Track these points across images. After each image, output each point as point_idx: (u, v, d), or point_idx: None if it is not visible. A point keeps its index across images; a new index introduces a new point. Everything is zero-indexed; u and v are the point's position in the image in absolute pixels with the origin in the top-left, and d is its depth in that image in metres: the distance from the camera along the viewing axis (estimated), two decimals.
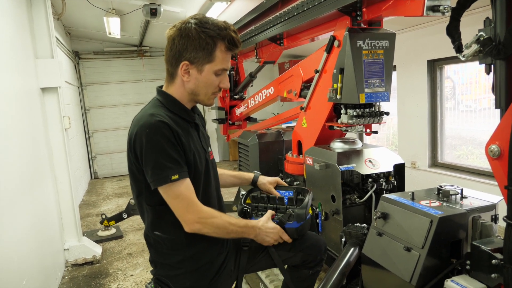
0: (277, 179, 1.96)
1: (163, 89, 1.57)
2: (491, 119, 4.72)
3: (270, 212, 1.69)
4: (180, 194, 1.42)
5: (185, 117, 1.54)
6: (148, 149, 1.39)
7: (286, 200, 1.86)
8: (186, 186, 1.43)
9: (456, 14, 1.48)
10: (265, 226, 1.60)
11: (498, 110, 1.37)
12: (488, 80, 4.64)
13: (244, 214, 1.78)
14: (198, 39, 1.42)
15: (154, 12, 4.59)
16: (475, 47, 1.36)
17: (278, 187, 1.95)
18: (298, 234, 1.69)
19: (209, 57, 1.45)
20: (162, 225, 1.52)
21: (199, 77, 1.49)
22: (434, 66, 5.05)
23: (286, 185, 1.98)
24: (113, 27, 5.86)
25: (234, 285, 1.75)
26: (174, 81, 1.53)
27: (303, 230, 1.72)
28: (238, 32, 1.51)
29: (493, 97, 1.39)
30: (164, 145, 1.38)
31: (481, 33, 1.34)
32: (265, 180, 1.94)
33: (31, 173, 3.06)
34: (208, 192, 1.60)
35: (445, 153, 5.22)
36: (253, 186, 1.97)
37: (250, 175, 1.97)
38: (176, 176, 1.39)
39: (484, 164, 4.64)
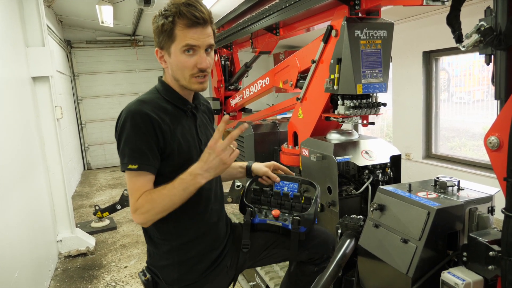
0: (274, 163, 1.85)
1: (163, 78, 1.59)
2: (484, 111, 4.73)
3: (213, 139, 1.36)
4: (134, 185, 1.38)
5: (179, 105, 1.53)
6: (119, 133, 1.41)
7: (291, 194, 1.76)
8: (143, 180, 1.37)
9: (457, 3, 1.44)
10: (204, 161, 1.34)
11: (492, 103, 1.36)
12: (481, 72, 4.64)
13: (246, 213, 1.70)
14: (158, 23, 1.42)
15: (147, 0, 4.50)
16: (475, 37, 1.33)
17: (281, 176, 1.83)
18: (305, 237, 1.67)
19: (170, 37, 1.41)
20: None
21: (171, 61, 1.46)
22: (430, 58, 5.03)
23: (286, 169, 1.84)
24: (105, 16, 5.76)
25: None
26: (164, 70, 1.55)
27: (310, 231, 1.70)
28: (201, 5, 1.40)
29: (486, 89, 1.38)
30: (132, 134, 1.37)
31: (482, 22, 1.32)
32: (261, 165, 1.84)
33: (22, 164, 3.01)
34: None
35: (439, 145, 5.24)
36: (248, 176, 1.88)
37: (243, 164, 1.87)
38: (135, 166, 1.35)
39: (477, 155, 4.67)
